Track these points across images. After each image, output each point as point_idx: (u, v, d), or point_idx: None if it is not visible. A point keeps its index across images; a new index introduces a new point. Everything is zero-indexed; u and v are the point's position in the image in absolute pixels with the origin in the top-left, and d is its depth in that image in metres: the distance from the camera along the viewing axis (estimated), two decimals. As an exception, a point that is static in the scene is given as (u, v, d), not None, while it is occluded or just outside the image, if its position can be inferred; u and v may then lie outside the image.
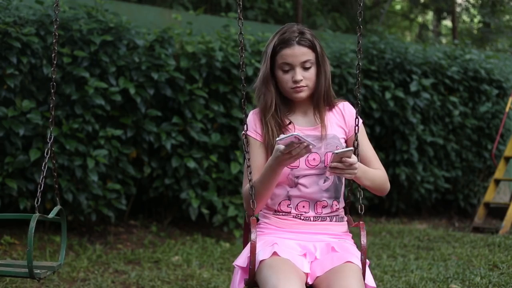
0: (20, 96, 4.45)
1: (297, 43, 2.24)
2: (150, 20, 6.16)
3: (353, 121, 2.31)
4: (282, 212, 2.28)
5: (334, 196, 2.30)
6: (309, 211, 2.27)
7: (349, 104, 2.41)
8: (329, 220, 2.29)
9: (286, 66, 2.25)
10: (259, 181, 2.18)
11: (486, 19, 12.57)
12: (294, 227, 2.26)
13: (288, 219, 2.27)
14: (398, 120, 6.46)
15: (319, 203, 2.27)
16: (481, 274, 3.91)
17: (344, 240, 2.29)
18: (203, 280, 3.90)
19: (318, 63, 2.29)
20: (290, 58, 2.23)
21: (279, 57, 2.25)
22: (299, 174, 2.25)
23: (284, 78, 2.26)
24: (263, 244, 2.18)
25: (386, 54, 6.53)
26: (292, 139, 2.03)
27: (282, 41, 2.25)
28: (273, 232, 2.27)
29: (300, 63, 2.24)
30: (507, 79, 7.30)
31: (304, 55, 2.24)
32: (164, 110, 5.11)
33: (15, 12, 4.52)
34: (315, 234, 2.26)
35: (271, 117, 2.27)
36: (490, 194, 6.49)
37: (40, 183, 2.54)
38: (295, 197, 2.26)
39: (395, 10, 14.38)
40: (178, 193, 5.14)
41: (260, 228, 2.30)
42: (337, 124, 2.34)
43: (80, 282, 3.77)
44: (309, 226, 2.26)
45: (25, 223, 4.63)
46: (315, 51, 2.27)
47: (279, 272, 2.02)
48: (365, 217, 6.58)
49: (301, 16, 8.34)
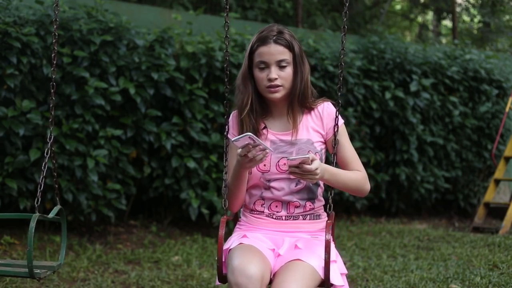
0: (20, 96, 4.45)
1: (274, 41, 2.25)
2: (150, 20, 6.16)
3: (331, 122, 2.30)
4: (256, 211, 2.35)
5: (307, 198, 2.32)
6: (282, 211, 2.32)
7: (330, 105, 2.38)
8: (302, 219, 2.33)
9: (262, 64, 2.26)
10: (230, 182, 2.28)
11: (486, 19, 12.57)
12: (267, 225, 2.33)
13: (262, 218, 2.34)
14: (398, 120, 6.46)
15: (291, 204, 2.31)
16: (481, 274, 3.91)
17: (316, 237, 2.31)
18: (203, 280, 3.90)
19: (295, 63, 2.28)
20: (266, 56, 2.25)
21: (256, 55, 2.28)
22: (270, 178, 2.30)
23: (260, 76, 2.27)
24: (234, 237, 2.29)
25: (386, 54, 6.53)
26: (246, 140, 2.07)
27: (259, 39, 2.27)
28: (248, 230, 2.35)
29: (275, 62, 2.25)
30: (507, 79, 7.30)
31: (280, 54, 2.25)
32: (164, 110, 5.11)
33: (15, 12, 4.52)
34: (287, 232, 2.31)
35: (246, 116, 2.31)
36: (490, 194, 6.50)
37: (40, 183, 2.54)
38: (268, 198, 2.32)
39: (395, 10, 14.38)
40: (178, 193, 5.14)
41: (239, 225, 2.42)
42: (313, 128, 2.34)
43: (80, 282, 3.78)
44: (281, 225, 2.32)
45: (25, 223, 4.64)
46: (293, 51, 2.27)
47: (242, 254, 2.11)
48: (365, 217, 6.60)
49: (301, 16, 8.34)
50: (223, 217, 2.24)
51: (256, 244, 2.20)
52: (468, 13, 13.27)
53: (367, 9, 11.44)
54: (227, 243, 2.28)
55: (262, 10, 9.21)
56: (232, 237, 2.31)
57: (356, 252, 4.85)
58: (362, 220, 6.48)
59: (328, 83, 5.82)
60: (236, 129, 2.35)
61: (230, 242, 2.26)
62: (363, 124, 6.35)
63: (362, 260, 4.50)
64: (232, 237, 2.32)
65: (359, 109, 6.27)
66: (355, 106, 6.23)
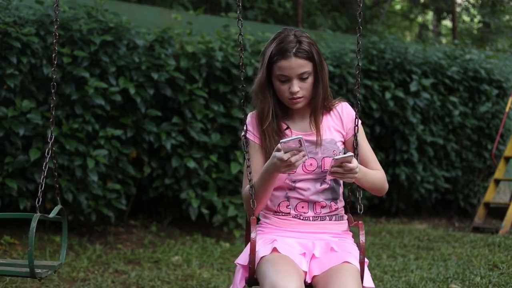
0: (20, 96, 4.45)
1: (294, 55, 2.20)
2: (150, 20, 6.16)
3: (351, 123, 2.32)
4: (281, 212, 2.31)
5: (331, 198, 2.32)
6: (308, 211, 2.29)
7: (348, 105, 2.40)
8: (328, 219, 2.31)
9: (282, 77, 2.23)
10: (257, 184, 2.20)
11: (486, 19, 12.57)
12: (294, 226, 2.28)
13: (288, 219, 2.30)
14: (398, 120, 6.46)
15: (317, 204, 2.29)
16: (481, 274, 3.91)
17: (343, 239, 2.30)
18: (203, 280, 3.90)
19: (316, 71, 2.27)
20: (287, 70, 2.21)
21: (276, 68, 2.24)
22: (296, 179, 2.27)
23: (281, 88, 2.25)
24: (263, 242, 2.20)
25: (386, 54, 6.53)
26: (296, 143, 2.04)
27: (279, 52, 2.22)
28: (273, 231, 2.29)
29: (297, 75, 2.22)
30: (507, 79, 7.30)
31: (301, 67, 2.22)
32: (164, 110, 5.11)
33: (15, 12, 4.52)
34: (315, 233, 2.28)
35: (268, 124, 2.28)
36: (490, 194, 6.50)
37: (41, 183, 2.54)
38: (293, 198, 2.28)
39: (395, 10, 14.38)
40: (178, 193, 5.14)
41: (261, 227, 2.33)
42: (334, 128, 2.34)
43: (80, 282, 3.77)
44: (308, 226, 2.29)
45: (25, 223, 4.64)
46: (313, 61, 2.25)
47: (278, 268, 2.04)
48: (365, 217, 6.59)
49: (301, 16, 8.34)
50: (253, 218, 2.14)
51: (288, 252, 2.13)
52: (468, 13, 13.27)
53: (367, 9, 11.44)
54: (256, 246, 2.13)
55: (262, 10, 9.21)
56: (258, 242, 2.16)
57: (356, 252, 4.84)
58: (362, 220, 6.47)
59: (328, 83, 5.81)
60: (257, 130, 2.30)
61: (259, 247, 2.15)
62: (363, 124, 6.33)
63: (362, 260, 4.49)
64: (258, 240, 2.17)
65: (359, 109, 6.26)
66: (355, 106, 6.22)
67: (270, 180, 2.18)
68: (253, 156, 2.29)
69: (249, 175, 2.20)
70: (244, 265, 2.20)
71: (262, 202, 2.26)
